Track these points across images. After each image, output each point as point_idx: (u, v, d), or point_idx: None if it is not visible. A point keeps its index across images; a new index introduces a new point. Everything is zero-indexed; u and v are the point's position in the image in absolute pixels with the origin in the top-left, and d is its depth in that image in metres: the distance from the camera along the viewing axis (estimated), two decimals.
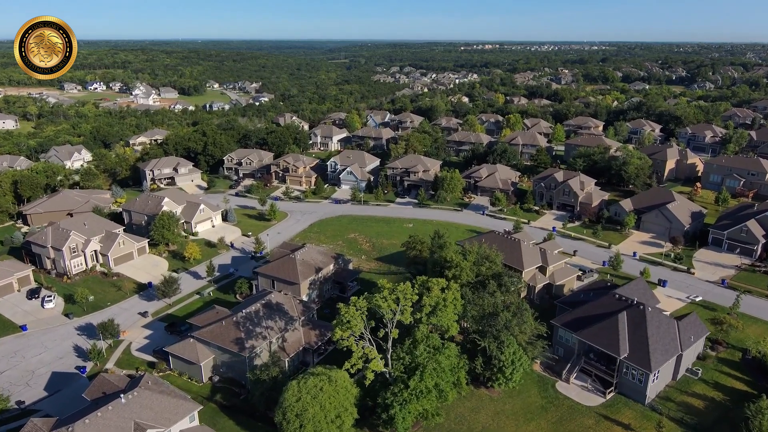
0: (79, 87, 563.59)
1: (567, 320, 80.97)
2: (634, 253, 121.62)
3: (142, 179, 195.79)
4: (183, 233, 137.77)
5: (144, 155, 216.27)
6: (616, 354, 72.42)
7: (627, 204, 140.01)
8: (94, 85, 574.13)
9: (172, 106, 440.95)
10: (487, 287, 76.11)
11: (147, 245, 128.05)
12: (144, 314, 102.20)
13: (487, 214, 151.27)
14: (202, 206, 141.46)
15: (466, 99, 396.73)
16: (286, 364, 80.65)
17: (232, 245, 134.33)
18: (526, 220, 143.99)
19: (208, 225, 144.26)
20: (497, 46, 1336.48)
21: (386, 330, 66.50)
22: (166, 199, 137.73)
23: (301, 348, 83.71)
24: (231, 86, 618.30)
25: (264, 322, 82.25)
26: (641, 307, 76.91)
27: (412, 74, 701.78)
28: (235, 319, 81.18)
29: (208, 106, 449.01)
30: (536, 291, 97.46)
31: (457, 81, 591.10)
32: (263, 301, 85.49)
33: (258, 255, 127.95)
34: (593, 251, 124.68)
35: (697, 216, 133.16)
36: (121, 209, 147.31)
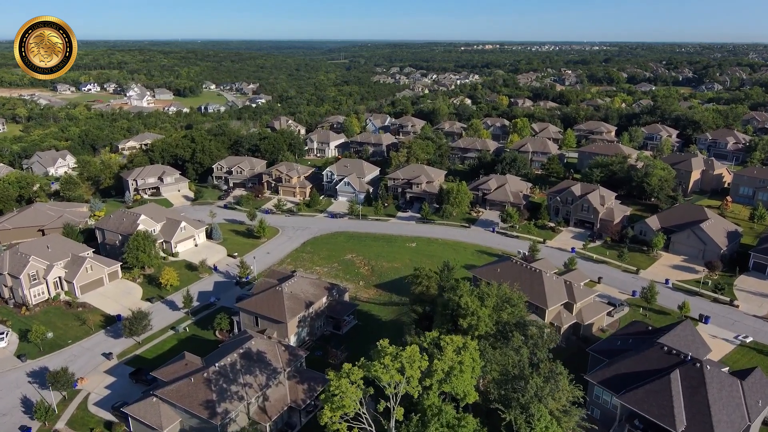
0: (73, 88, 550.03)
1: (606, 377, 67.37)
2: (667, 281, 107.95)
3: (125, 189, 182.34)
4: (162, 254, 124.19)
5: (128, 163, 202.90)
6: (671, 427, 58.83)
7: (654, 222, 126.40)
8: (88, 86, 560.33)
9: (167, 108, 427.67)
10: (510, 341, 62.54)
11: (120, 269, 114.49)
12: (108, 356, 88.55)
13: (497, 232, 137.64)
14: (183, 224, 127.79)
15: (468, 101, 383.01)
16: (268, 430, 67.13)
17: (215, 268, 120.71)
18: (542, 239, 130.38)
19: (190, 244, 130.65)
20: (497, 46, 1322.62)
21: (388, 404, 52.94)
22: (143, 217, 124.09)
23: (285, 408, 70.11)
24: (228, 87, 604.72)
25: (241, 378, 68.64)
26: (698, 364, 63.29)
27: (413, 75, 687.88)
28: (206, 375, 67.54)
29: (203, 108, 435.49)
30: (562, 332, 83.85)
31: (458, 82, 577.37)
32: (241, 350, 71.86)
33: (243, 280, 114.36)
34: (619, 277, 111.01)
35: (734, 236, 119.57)
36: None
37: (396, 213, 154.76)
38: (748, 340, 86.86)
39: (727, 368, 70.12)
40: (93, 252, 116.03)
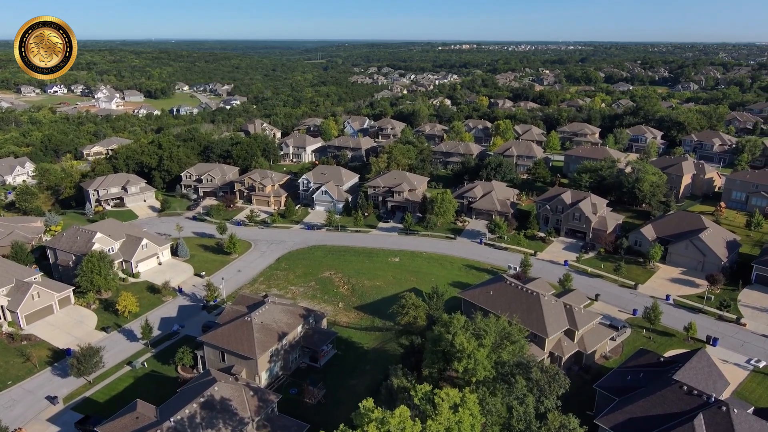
0: (38, 90, 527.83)
1: (619, 421, 59.51)
2: (667, 297, 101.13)
3: (87, 200, 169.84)
4: (121, 275, 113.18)
5: (90, 171, 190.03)
6: None
7: (649, 231, 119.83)
8: (54, 88, 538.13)
9: (136, 111, 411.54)
10: (513, 387, 54.21)
11: (72, 295, 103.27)
12: (53, 400, 77.75)
13: (485, 243, 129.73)
14: (144, 241, 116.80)
15: (448, 101, 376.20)
16: None
17: (180, 290, 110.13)
18: (532, 251, 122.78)
19: (153, 263, 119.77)
20: (474, 46, 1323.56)
21: None
22: (99, 235, 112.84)
23: None
24: (202, 88, 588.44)
25: None
26: (724, 408, 55.83)
27: (391, 75, 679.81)
28: None
29: (175, 110, 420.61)
30: (562, 362, 76.02)
31: (437, 82, 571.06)
32: (203, 399, 62.17)
33: (211, 304, 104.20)
34: (617, 293, 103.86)
35: (733, 246, 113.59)
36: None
37: (377, 224, 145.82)
38: (761, 365, 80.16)
39: (752, 408, 62.86)
40: (42, 275, 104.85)
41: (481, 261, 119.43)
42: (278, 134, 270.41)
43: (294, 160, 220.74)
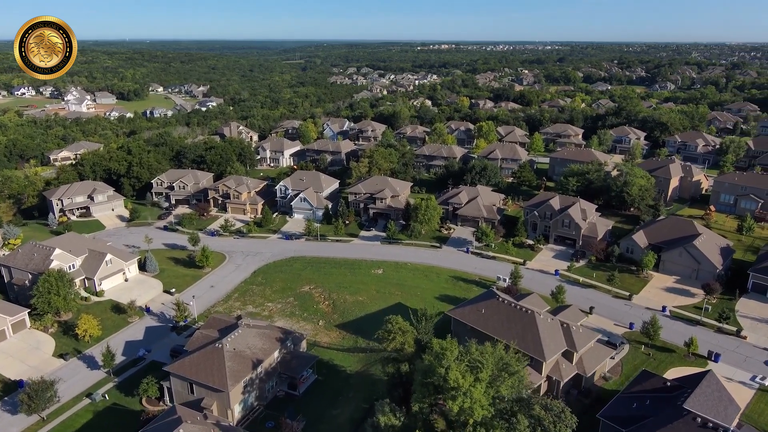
0: (5, 92, 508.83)
1: None
2: (664, 308, 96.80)
3: (50, 210, 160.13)
4: (83, 293, 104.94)
5: (55, 179, 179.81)
6: None
7: (641, 238, 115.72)
8: (22, 90, 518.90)
9: (108, 113, 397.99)
10: (514, 429, 48.39)
11: (27, 318, 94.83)
12: None
13: (472, 252, 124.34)
14: (109, 257, 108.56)
15: (428, 102, 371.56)
16: None
17: (147, 310, 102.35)
18: (521, 260, 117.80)
19: (118, 279, 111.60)
20: (453, 46, 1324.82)
21: None
22: (57, 251, 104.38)
23: None
24: (177, 90, 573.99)
25: None
26: None
27: (370, 75, 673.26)
28: None
29: (148, 112, 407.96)
30: (560, 387, 70.73)
31: (416, 82, 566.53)
32: None
33: (181, 325, 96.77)
34: (612, 305, 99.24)
35: (727, 253, 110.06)
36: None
37: (359, 232, 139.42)
38: (767, 383, 76.02)
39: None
40: None
41: (468, 272, 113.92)
42: (255, 137, 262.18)
43: (271, 164, 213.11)
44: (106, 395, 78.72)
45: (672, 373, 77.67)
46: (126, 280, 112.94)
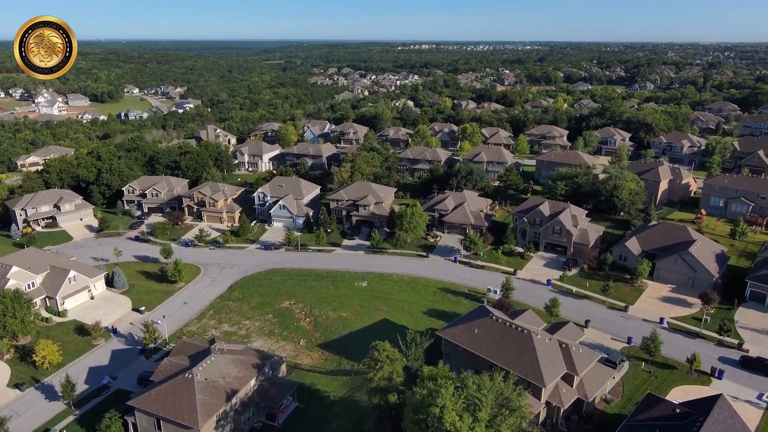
0: None
1: None
2: (662, 319, 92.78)
3: (13, 221, 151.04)
4: (44, 314, 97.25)
5: (18, 188, 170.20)
6: None
7: (634, 245, 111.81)
8: None
9: (81, 116, 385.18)
10: None
11: None
12: None
13: (460, 261, 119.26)
14: (72, 273, 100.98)
15: (410, 103, 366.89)
16: None
17: (114, 331, 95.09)
18: (512, 269, 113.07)
19: (83, 297, 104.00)
20: (434, 46, 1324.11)
21: None
22: (15, 269, 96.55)
23: None
24: (153, 91, 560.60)
25: None
26: None
27: (351, 75, 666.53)
28: None
29: (123, 114, 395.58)
30: (561, 414, 65.77)
31: (398, 82, 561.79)
32: None
33: (150, 347, 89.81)
34: (608, 317, 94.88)
35: (722, 260, 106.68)
36: None
37: (341, 241, 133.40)
38: None
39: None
40: None
41: (457, 283, 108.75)
42: (233, 140, 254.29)
43: (250, 169, 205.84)
44: (65, 431, 71.61)
45: (676, 393, 73.66)
46: (92, 298, 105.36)
